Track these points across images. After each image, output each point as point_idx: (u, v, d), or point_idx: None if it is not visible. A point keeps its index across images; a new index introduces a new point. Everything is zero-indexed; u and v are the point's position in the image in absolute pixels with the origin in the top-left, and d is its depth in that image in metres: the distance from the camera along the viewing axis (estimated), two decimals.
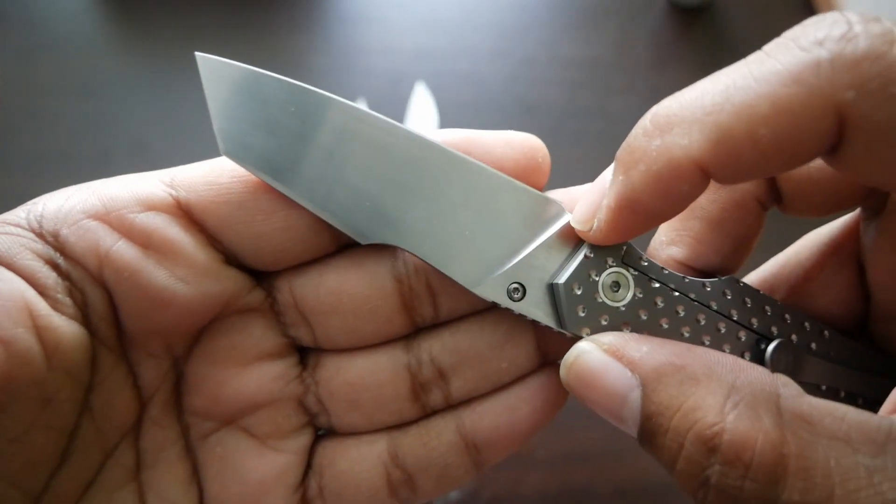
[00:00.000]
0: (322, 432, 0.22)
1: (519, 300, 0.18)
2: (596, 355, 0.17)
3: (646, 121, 0.16)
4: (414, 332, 0.21)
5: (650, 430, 0.16)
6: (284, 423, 0.21)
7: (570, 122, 0.53)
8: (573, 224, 0.18)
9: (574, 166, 0.50)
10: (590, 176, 0.19)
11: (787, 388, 0.15)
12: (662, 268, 0.18)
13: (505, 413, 0.21)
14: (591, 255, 0.18)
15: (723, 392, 0.15)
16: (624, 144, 0.17)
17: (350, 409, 0.21)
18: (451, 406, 0.21)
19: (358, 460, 0.21)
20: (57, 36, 0.57)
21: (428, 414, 0.21)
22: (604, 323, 0.18)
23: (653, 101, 0.16)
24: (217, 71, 0.18)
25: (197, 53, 0.18)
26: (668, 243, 0.20)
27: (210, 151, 0.19)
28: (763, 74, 0.15)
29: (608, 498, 0.39)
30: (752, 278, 0.22)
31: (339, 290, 0.20)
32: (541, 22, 0.59)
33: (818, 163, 0.18)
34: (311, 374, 0.21)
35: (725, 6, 0.60)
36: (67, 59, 0.56)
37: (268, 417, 0.21)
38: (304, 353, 0.21)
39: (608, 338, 0.17)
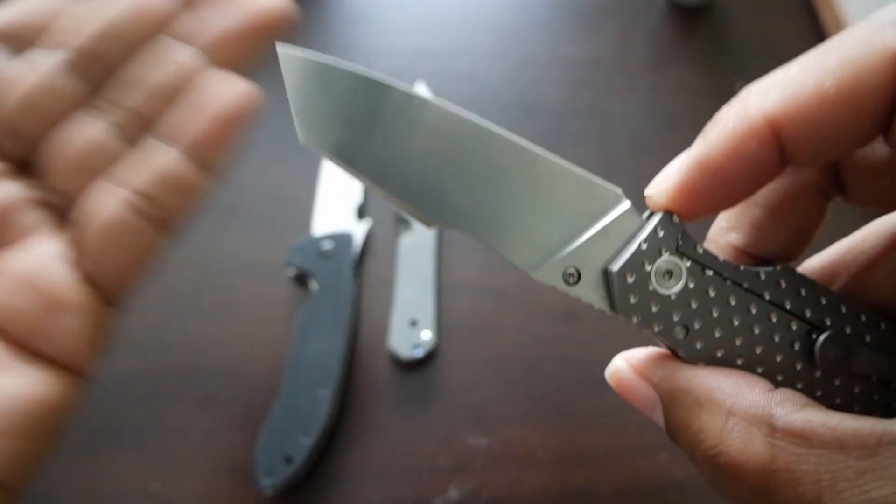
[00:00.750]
0: None
1: (574, 284, 0.19)
2: (628, 373, 0.19)
3: (734, 97, 0.17)
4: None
5: (672, 437, 0.19)
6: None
7: (570, 122, 0.53)
8: (646, 192, 0.19)
9: None
10: None
11: (781, 406, 0.17)
12: (716, 257, 0.19)
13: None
14: (646, 246, 0.18)
15: (722, 416, 0.17)
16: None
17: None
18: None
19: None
20: None
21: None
22: (654, 310, 0.18)
23: (653, 101, 0.17)
24: (297, 64, 0.18)
25: (278, 45, 0.18)
26: (727, 229, 0.21)
27: None
28: (834, 42, 0.16)
29: (608, 498, 0.39)
30: (814, 262, 0.22)
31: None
32: (541, 22, 0.59)
33: (883, 152, 0.18)
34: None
35: (725, 6, 0.60)
36: None
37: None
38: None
39: (637, 358, 0.20)
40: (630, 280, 0.18)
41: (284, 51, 0.18)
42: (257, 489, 0.38)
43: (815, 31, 0.57)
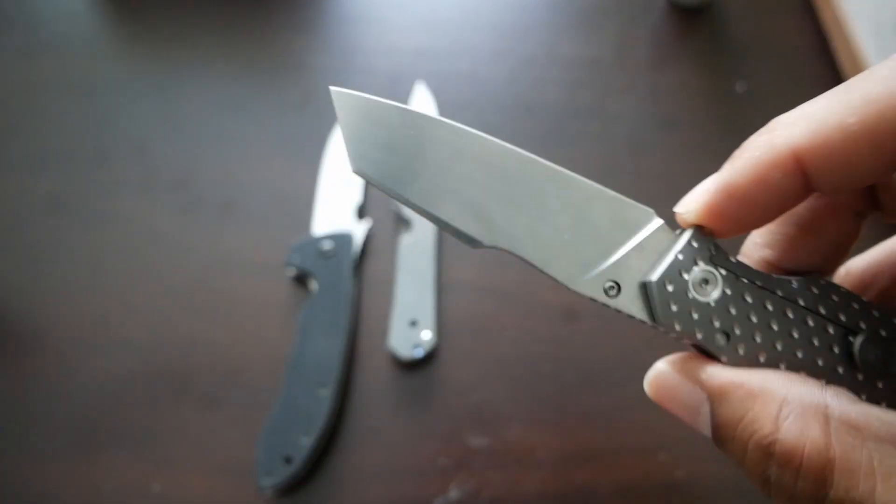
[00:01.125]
0: None
1: (614, 296, 0.20)
2: (671, 374, 0.20)
3: (763, 127, 0.18)
4: None
5: (720, 437, 0.18)
6: None
7: (570, 122, 0.53)
8: (675, 209, 0.20)
9: (574, 166, 0.50)
10: (588, 176, 0.20)
11: (836, 398, 0.17)
12: (748, 266, 0.20)
13: None
14: (682, 256, 0.19)
15: (776, 405, 0.17)
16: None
17: None
18: None
19: None
20: (57, 36, 0.57)
21: None
22: (695, 317, 0.19)
23: (653, 101, 0.17)
24: (348, 101, 0.20)
25: (331, 87, 0.20)
26: (761, 245, 0.21)
27: (208, 151, 0.19)
28: (858, 79, 0.17)
29: (608, 498, 0.39)
30: (856, 263, 0.22)
31: None
32: (541, 22, 0.59)
33: None
34: None
35: (725, 6, 0.60)
36: (67, 59, 0.56)
37: None
38: None
39: (681, 359, 0.20)
40: (669, 289, 0.19)
41: (338, 90, 0.20)
42: (257, 489, 0.38)
43: (815, 31, 0.57)
